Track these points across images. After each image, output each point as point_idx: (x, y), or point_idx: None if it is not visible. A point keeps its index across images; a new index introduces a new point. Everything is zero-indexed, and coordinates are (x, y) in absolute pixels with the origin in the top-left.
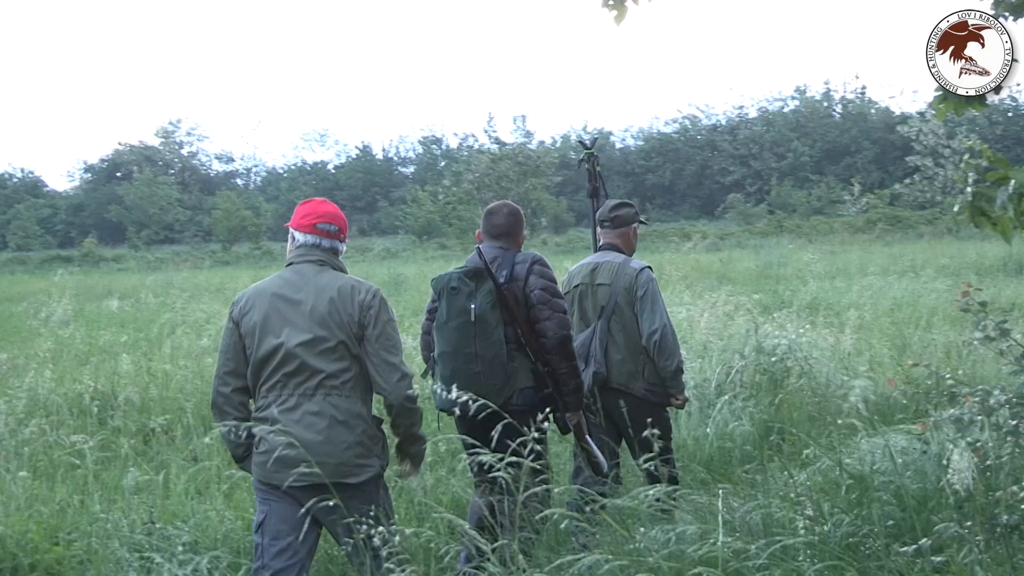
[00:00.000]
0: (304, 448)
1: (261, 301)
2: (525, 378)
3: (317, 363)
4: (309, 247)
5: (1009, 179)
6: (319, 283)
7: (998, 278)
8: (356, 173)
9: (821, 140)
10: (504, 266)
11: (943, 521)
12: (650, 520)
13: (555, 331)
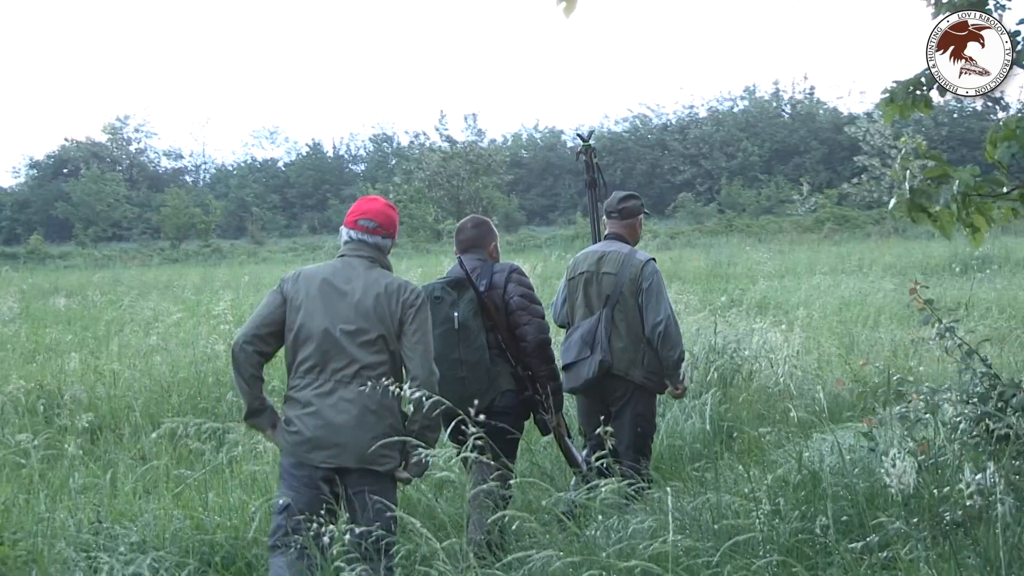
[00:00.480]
0: (335, 431)
1: (312, 283)
2: (507, 381)
3: (357, 353)
4: (356, 243)
5: (947, 175)
6: (368, 278)
7: (944, 277)
8: (306, 170)
9: (770, 140)
10: (484, 275)
11: (890, 518)
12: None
13: (534, 335)
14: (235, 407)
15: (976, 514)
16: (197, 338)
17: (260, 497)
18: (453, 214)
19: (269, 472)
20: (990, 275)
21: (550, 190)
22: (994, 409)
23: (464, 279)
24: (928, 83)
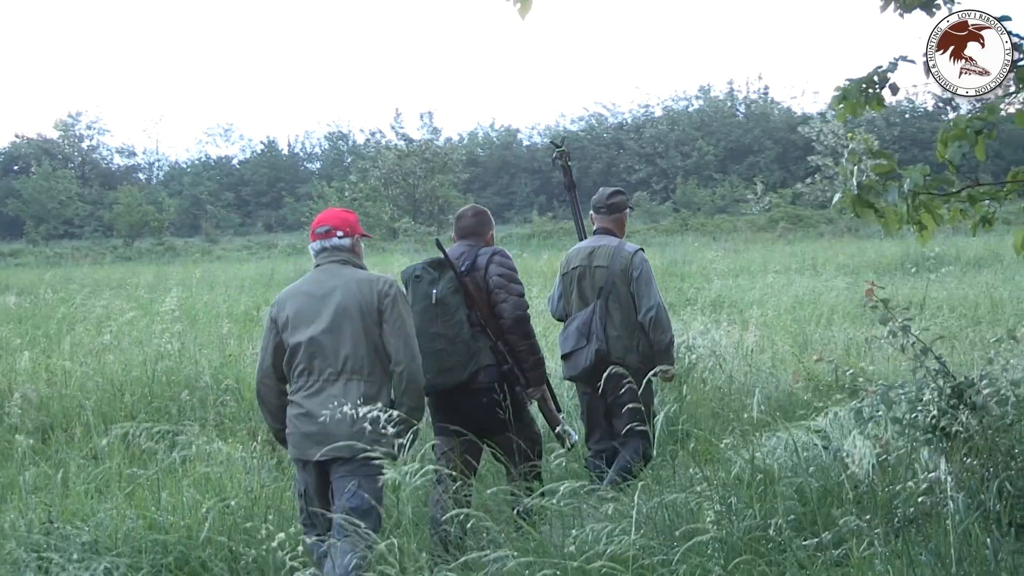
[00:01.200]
0: (325, 427)
1: (293, 299)
2: (487, 357)
3: (340, 351)
4: (320, 252)
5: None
6: (340, 279)
7: (896, 276)
8: (261, 168)
9: (725, 139)
10: (468, 258)
11: (843, 515)
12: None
13: (511, 312)
14: (188, 406)
15: (928, 510)
16: (150, 337)
17: (213, 497)
18: (409, 212)
19: (222, 472)
20: (943, 275)
21: (506, 189)
22: (947, 406)
23: (445, 260)
24: (881, 81)
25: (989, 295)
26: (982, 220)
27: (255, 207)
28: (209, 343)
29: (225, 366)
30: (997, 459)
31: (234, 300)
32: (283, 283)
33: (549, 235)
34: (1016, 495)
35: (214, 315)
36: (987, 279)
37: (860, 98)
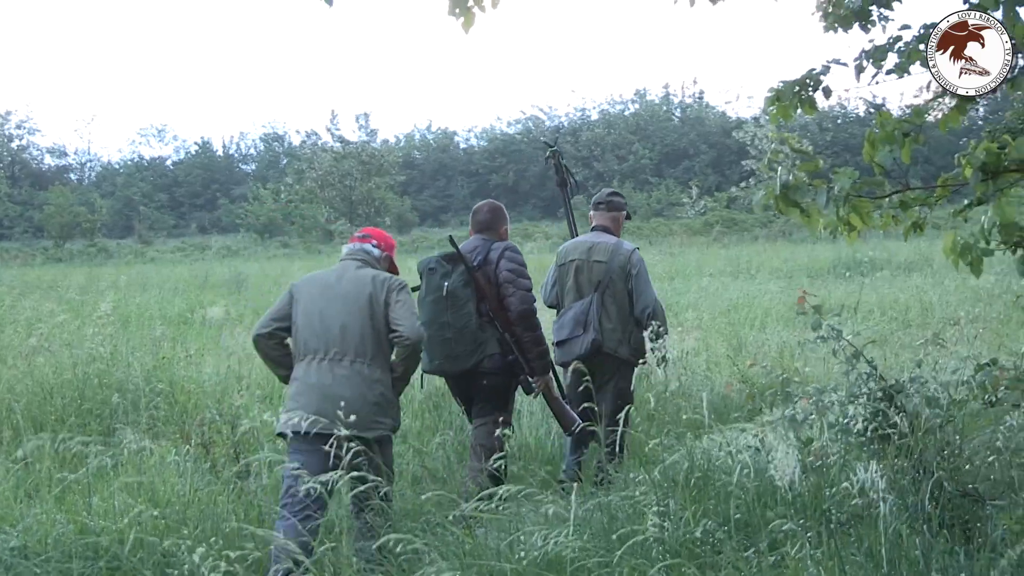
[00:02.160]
0: (331, 403)
1: (313, 284)
2: (493, 346)
3: (349, 336)
4: (351, 250)
5: (818, 168)
6: (357, 275)
7: (828, 279)
8: (195, 169)
9: (660, 143)
10: (481, 252)
11: (779, 518)
12: (495, 523)
13: (518, 305)
14: (120, 408)
15: (860, 512)
16: (82, 339)
17: (145, 501)
18: (345, 214)
19: (155, 476)
20: (875, 279)
21: (443, 191)
22: (878, 409)
23: (457, 255)
24: (814, 84)
25: (919, 298)
26: (913, 225)
27: (189, 209)
28: (142, 346)
29: (158, 369)
30: (928, 461)
31: (168, 302)
32: (218, 285)
33: None
34: (946, 496)
35: (147, 317)
36: (917, 283)
37: (793, 101)
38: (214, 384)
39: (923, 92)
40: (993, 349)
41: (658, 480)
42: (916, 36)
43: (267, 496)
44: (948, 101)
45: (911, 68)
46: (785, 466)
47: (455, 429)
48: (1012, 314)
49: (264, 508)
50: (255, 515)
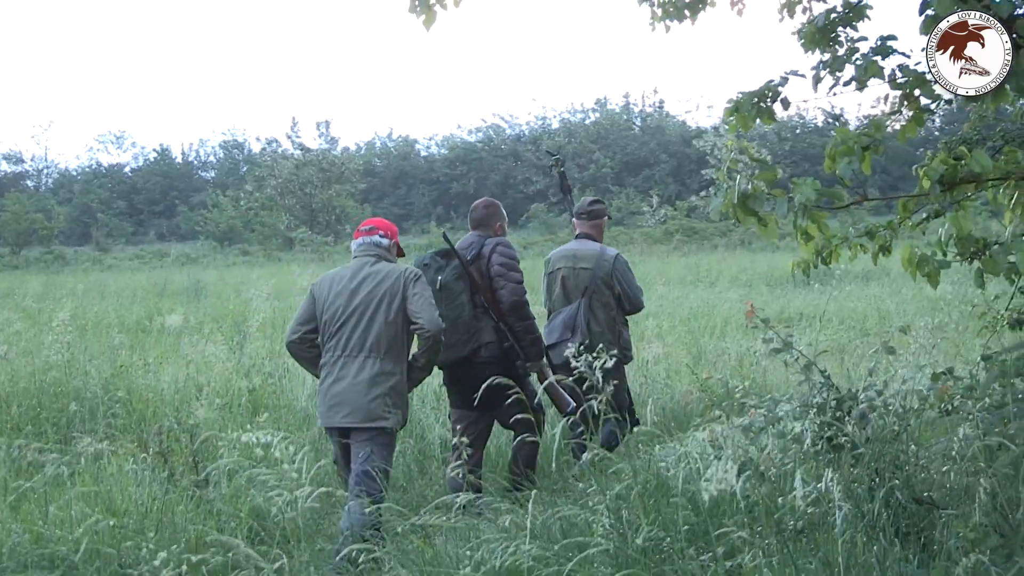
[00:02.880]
0: (344, 395)
1: (331, 283)
2: (488, 335)
3: (365, 331)
4: (360, 246)
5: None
6: (373, 270)
7: (787, 288)
8: (154, 176)
9: (621, 152)
10: (475, 248)
11: (735, 526)
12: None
13: (509, 297)
14: (78, 416)
15: (816, 521)
16: (39, 347)
17: (102, 510)
18: (305, 222)
19: (112, 485)
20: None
21: (403, 199)
22: (832, 419)
23: (450, 250)
24: (772, 95)
25: (877, 308)
26: (881, 248)
27: (148, 216)
28: (99, 354)
29: (116, 377)
30: (882, 469)
31: (126, 310)
32: (177, 293)
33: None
34: (901, 504)
35: (105, 325)
36: (875, 292)
37: (752, 111)
38: (173, 392)
39: (881, 103)
40: (950, 358)
41: (612, 489)
42: (873, 48)
43: (226, 505)
44: (905, 113)
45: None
46: (720, 477)
47: (415, 438)
48: (968, 324)
49: (224, 517)
50: (213, 523)
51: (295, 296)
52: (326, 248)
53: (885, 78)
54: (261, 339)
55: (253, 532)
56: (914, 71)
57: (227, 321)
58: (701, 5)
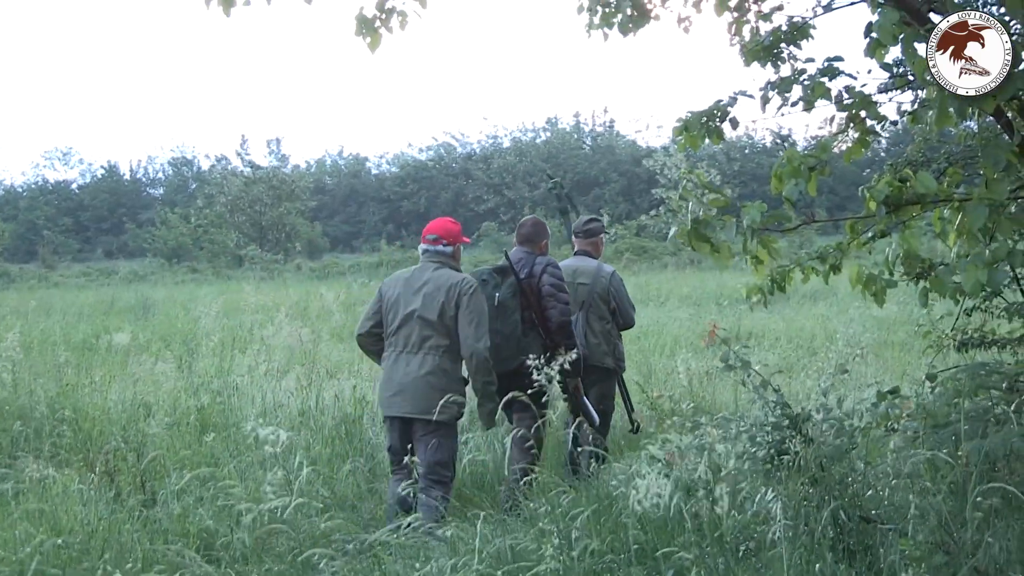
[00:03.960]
0: (403, 388)
1: (397, 283)
2: (536, 350)
3: (424, 330)
4: (425, 252)
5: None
6: (434, 276)
7: (737, 308)
8: (102, 193)
9: (571, 171)
10: (526, 265)
11: (682, 545)
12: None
13: (557, 317)
14: (22, 436)
15: (765, 539)
16: None
17: (47, 530)
18: (255, 240)
19: (58, 505)
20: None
21: (354, 217)
22: (784, 437)
23: (508, 267)
24: (721, 115)
25: (824, 327)
26: (831, 268)
27: (95, 233)
28: (45, 372)
29: (62, 396)
30: (831, 488)
31: (72, 328)
32: (124, 311)
33: (398, 264)
34: (848, 522)
35: (50, 343)
36: (822, 311)
37: (701, 131)
38: (120, 412)
39: (827, 125)
40: (896, 377)
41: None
42: (820, 69)
43: (175, 524)
44: (852, 134)
45: (815, 101)
46: (646, 491)
47: (365, 456)
48: (913, 343)
49: (172, 536)
50: (161, 542)
51: (245, 314)
52: (276, 266)
53: (832, 99)
54: (210, 357)
55: (202, 552)
56: (860, 92)
57: (176, 339)
58: (643, 20)
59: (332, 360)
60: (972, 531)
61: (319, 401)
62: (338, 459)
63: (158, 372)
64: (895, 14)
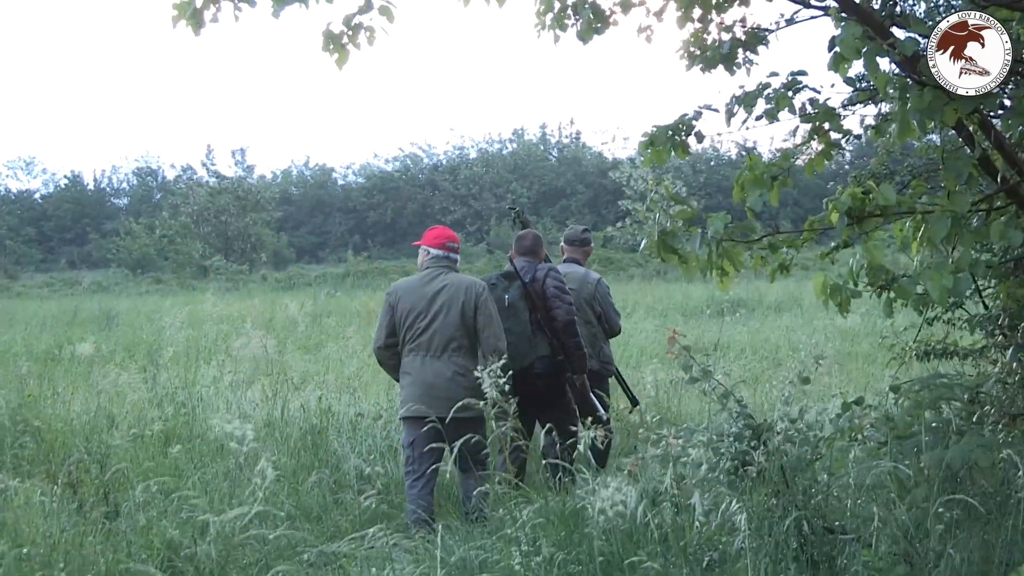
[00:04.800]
0: (431, 391)
1: (408, 292)
2: (543, 349)
3: (444, 333)
4: (438, 258)
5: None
6: (447, 280)
7: (702, 319)
8: (65, 203)
9: (538, 182)
10: (529, 271)
11: (648, 556)
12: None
13: (563, 316)
14: None
15: (729, 550)
16: None
17: (8, 542)
18: (221, 250)
19: (19, 516)
20: (746, 318)
21: (320, 228)
22: (748, 447)
23: (514, 272)
24: (686, 129)
25: (788, 338)
26: (780, 267)
27: (58, 243)
28: (6, 383)
29: (24, 407)
30: (795, 498)
31: (35, 339)
32: (88, 321)
33: (364, 275)
34: (812, 532)
35: (12, 354)
36: (787, 323)
37: (667, 145)
38: (83, 423)
39: (792, 137)
40: (859, 388)
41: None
42: (784, 83)
43: (138, 536)
44: (816, 146)
45: (779, 114)
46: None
47: (331, 468)
48: (877, 354)
49: (135, 548)
50: (124, 555)
51: (209, 324)
52: (241, 276)
53: (796, 112)
54: (175, 368)
55: (165, 565)
56: (824, 105)
57: (139, 350)
58: (603, 25)
59: (298, 371)
60: (934, 542)
61: (285, 412)
62: (303, 470)
63: (122, 383)
64: (858, 28)
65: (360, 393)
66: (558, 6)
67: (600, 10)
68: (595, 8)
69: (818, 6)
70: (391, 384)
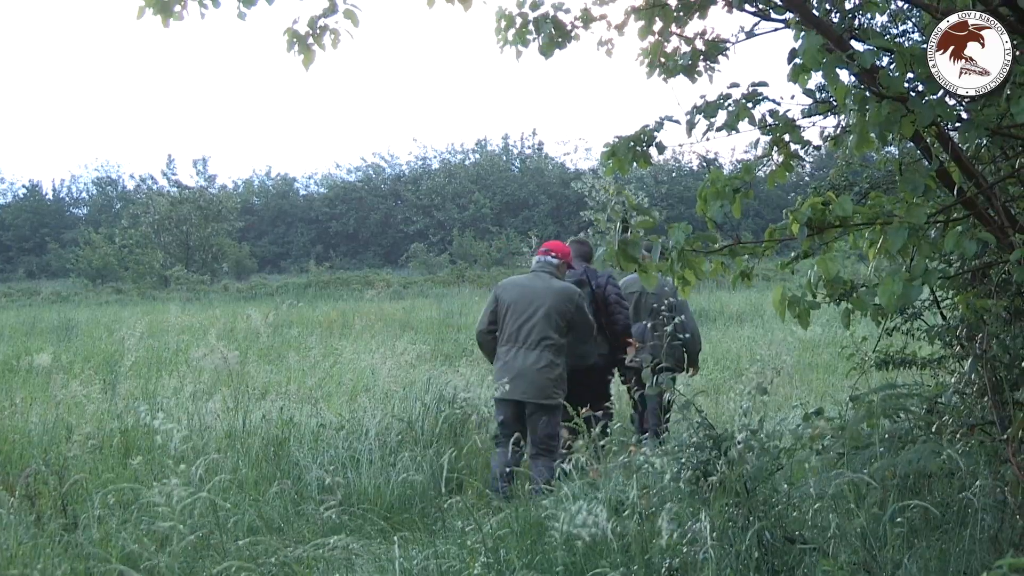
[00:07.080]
0: (522, 377)
1: (514, 287)
2: (604, 347)
3: (540, 328)
4: (541, 263)
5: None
6: (551, 284)
7: None
8: (24, 213)
9: (501, 193)
10: (593, 278)
11: (610, 567)
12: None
13: (623, 321)
14: None
15: (690, 559)
16: None
17: None
18: (182, 260)
19: None
20: (705, 327)
21: (282, 238)
22: (709, 457)
23: (586, 280)
24: (648, 140)
25: (750, 348)
26: (741, 274)
27: (17, 253)
28: None
29: None
30: (756, 508)
31: None
32: (46, 332)
33: (326, 285)
34: (772, 542)
35: None
36: (748, 333)
37: (628, 155)
38: (41, 434)
39: (753, 149)
40: (820, 398)
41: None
42: (744, 94)
43: (97, 548)
44: (776, 158)
45: (740, 125)
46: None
47: (293, 478)
48: (837, 364)
49: (93, 560)
50: (83, 568)
51: (170, 335)
52: (202, 286)
53: (756, 123)
54: (135, 379)
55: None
56: (784, 117)
57: (98, 360)
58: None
59: (260, 381)
60: (892, 550)
61: (246, 422)
62: (265, 481)
63: (81, 394)
64: (818, 39)
65: (322, 403)
66: (519, 22)
67: (561, 25)
68: (556, 23)
69: (778, 19)
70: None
